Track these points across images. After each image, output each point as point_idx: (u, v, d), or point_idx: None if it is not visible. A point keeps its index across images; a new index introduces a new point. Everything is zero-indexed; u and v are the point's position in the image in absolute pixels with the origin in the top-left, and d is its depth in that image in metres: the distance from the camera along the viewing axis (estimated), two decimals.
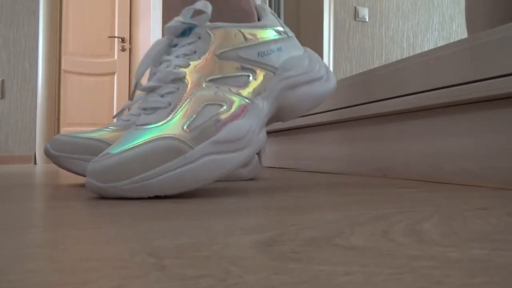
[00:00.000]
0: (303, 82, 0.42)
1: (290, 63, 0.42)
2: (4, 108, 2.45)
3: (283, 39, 0.42)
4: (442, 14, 2.70)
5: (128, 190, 0.32)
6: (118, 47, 3.21)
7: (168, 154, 0.32)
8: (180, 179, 0.33)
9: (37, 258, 0.15)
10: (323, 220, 0.23)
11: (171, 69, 0.37)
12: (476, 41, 0.54)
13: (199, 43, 0.38)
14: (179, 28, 0.39)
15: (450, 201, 0.33)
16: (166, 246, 0.17)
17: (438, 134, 0.61)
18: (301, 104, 0.42)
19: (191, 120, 0.34)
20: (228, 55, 0.38)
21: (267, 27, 0.41)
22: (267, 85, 0.39)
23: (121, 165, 0.32)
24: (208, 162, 0.33)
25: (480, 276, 0.13)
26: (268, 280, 0.12)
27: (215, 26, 0.39)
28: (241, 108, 0.36)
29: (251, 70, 0.38)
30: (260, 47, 0.40)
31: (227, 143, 0.34)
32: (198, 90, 0.36)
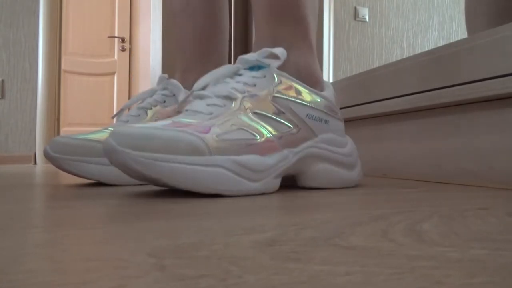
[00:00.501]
0: (333, 161, 0.44)
1: (332, 140, 0.44)
2: (4, 108, 2.45)
3: (333, 117, 0.45)
4: (442, 14, 2.70)
5: (137, 162, 0.32)
6: (118, 47, 3.21)
7: (189, 149, 0.33)
8: (188, 176, 0.33)
9: (37, 258, 0.15)
10: (323, 220, 0.23)
11: (227, 88, 0.39)
12: (476, 41, 0.54)
13: (263, 80, 0.40)
14: (251, 62, 0.41)
15: (450, 201, 0.33)
16: (166, 246, 0.17)
17: (438, 134, 0.61)
18: (319, 177, 0.43)
19: (223, 132, 0.36)
20: (281, 101, 0.40)
21: (324, 99, 0.44)
22: (301, 144, 0.41)
23: (143, 137, 0.33)
24: (221, 173, 0.34)
25: (480, 276, 0.13)
26: (268, 280, 0.12)
27: (281, 74, 0.41)
28: (271, 147, 0.38)
29: (294, 124, 0.41)
30: (310, 110, 0.42)
31: (245, 168, 0.36)
32: (241, 115, 0.38)
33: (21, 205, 0.30)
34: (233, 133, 0.36)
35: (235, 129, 0.36)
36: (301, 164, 0.42)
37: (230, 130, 0.36)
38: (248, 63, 0.42)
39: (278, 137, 0.39)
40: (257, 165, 0.36)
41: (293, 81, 0.42)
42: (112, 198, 0.34)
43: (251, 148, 0.36)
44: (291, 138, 0.40)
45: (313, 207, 0.29)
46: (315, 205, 0.30)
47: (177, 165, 0.33)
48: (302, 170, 0.42)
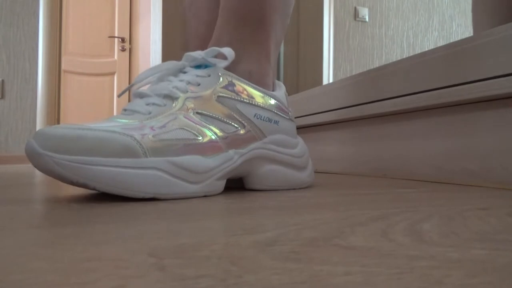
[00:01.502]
0: (282, 162, 0.43)
1: (281, 140, 0.43)
2: (4, 108, 2.45)
3: (283, 117, 0.44)
4: (442, 14, 2.70)
5: (62, 165, 0.30)
6: (118, 47, 3.21)
7: (122, 150, 0.31)
8: (119, 179, 0.31)
9: (37, 258, 0.15)
10: (323, 220, 0.23)
11: (168, 87, 0.38)
12: (476, 41, 0.54)
13: (207, 79, 0.39)
14: (197, 60, 0.40)
15: (450, 201, 0.33)
16: (166, 246, 0.17)
17: (438, 134, 0.61)
18: (266, 179, 0.42)
19: (161, 132, 0.34)
20: (226, 101, 0.39)
21: (274, 99, 0.43)
22: (249, 145, 0.40)
23: (69, 138, 0.30)
24: (156, 176, 0.32)
25: (480, 276, 0.13)
26: (268, 280, 0.12)
27: (228, 74, 0.40)
28: (215, 148, 0.37)
29: (241, 124, 0.39)
30: (259, 110, 0.41)
31: (183, 169, 0.34)
32: (182, 115, 0.36)
33: (21, 205, 0.30)
34: (172, 133, 0.34)
35: (175, 129, 0.35)
36: (248, 166, 0.41)
37: (169, 130, 0.34)
38: (194, 61, 0.40)
39: (223, 138, 0.38)
40: (197, 167, 0.35)
41: (241, 81, 0.40)
42: (112, 198, 0.34)
43: (192, 149, 0.35)
44: (237, 138, 0.39)
45: (313, 207, 0.29)
46: (315, 205, 0.30)
47: (107, 168, 0.30)
48: (249, 172, 0.41)
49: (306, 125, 1.00)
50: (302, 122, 1.01)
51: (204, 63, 0.40)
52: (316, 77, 2.35)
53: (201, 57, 0.40)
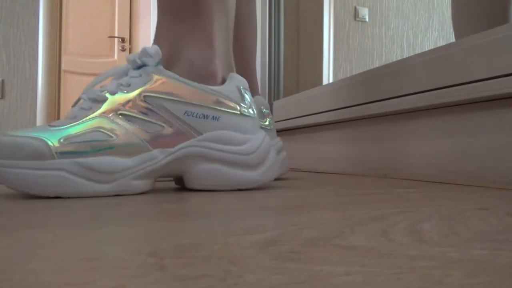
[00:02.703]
0: (221, 160, 0.41)
1: (221, 137, 0.41)
2: (4, 108, 2.45)
3: (228, 112, 0.42)
4: (442, 14, 2.70)
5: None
6: (118, 47, 3.21)
7: (32, 153, 0.34)
8: (29, 180, 0.34)
9: (37, 258, 0.15)
10: (323, 220, 0.23)
11: (97, 90, 0.39)
12: (476, 41, 0.54)
13: (138, 79, 0.39)
14: (135, 63, 0.40)
15: (450, 201, 0.33)
16: (166, 246, 0.17)
17: (438, 134, 0.61)
18: (202, 178, 0.41)
19: (73, 135, 0.36)
20: (153, 100, 0.39)
21: (211, 93, 0.41)
22: (179, 144, 0.39)
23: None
24: (60, 177, 0.34)
25: (480, 276, 0.13)
26: (268, 280, 0.12)
27: (158, 71, 0.40)
28: (134, 149, 0.37)
29: (168, 123, 0.39)
30: (190, 107, 0.40)
31: (91, 170, 0.35)
32: (102, 117, 0.37)
33: (21, 205, 0.30)
34: (85, 136, 0.36)
35: (90, 131, 0.36)
36: (180, 165, 0.40)
37: (83, 133, 0.36)
38: (133, 63, 0.41)
39: (147, 138, 0.38)
40: (107, 167, 0.36)
41: (172, 78, 0.40)
42: (112, 198, 0.34)
43: (107, 150, 0.36)
44: (164, 137, 0.39)
45: (313, 207, 0.29)
46: (315, 205, 0.30)
47: (19, 170, 0.33)
48: (184, 171, 0.41)
49: (306, 125, 1.00)
50: (302, 122, 1.01)
51: (140, 65, 0.40)
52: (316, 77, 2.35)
53: (133, 58, 0.40)
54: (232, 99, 0.42)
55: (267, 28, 2.14)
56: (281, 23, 2.29)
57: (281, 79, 2.30)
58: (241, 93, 0.43)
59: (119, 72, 0.41)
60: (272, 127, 0.62)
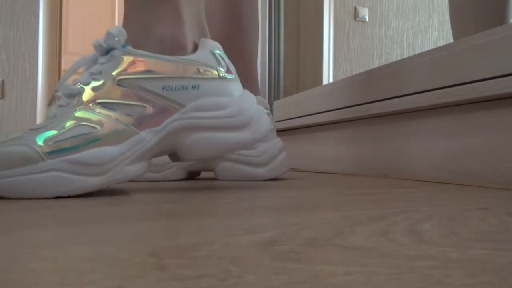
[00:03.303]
0: (210, 127, 0.40)
1: (205, 105, 0.40)
2: (4, 108, 2.45)
3: (207, 78, 0.41)
4: (442, 14, 2.70)
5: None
6: None
7: (22, 160, 0.33)
8: (24, 186, 0.33)
9: (37, 258, 0.15)
10: (323, 220, 0.23)
11: (70, 85, 0.38)
12: (476, 41, 0.54)
13: (108, 65, 0.39)
14: (102, 48, 0.39)
15: (450, 201, 0.33)
16: (166, 246, 0.17)
17: (438, 134, 0.61)
18: (194, 148, 0.40)
19: (57, 134, 0.35)
20: (128, 82, 0.38)
21: (186, 63, 0.40)
22: (164, 120, 0.39)
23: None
24: (54, 177, 0.34)
25: (480, 276, 0.13)
26: (268, 280, 0.12)
27: (127, 52, 0.39)
28: (121, 136, 0.37)
29: (149, 102, 0.38)
30: (167, 81, 0.39)
31: (81, 165, 0.35)
32: (82, 110, 0.36)
33: (21, 205, 0.30)
34: (69, 132, 0.35)
35: (73, 126, 0.35)
36: (170, 141, 0.39)
37: (67, 130, 0.35)
38: (100, 49, 0.39)
39: (132, 121, 0.37)
40: (97, 159, 0.35)
41: (143, 56, 0.39)
42: (112, 198, 0.34)
43: (94, 142, 0.35)
44: (149, 117, 0.38)
45: (313, 207, 0.29)
46: (315, 205, 0.30)
47: (12, 178, 0.33)
48: (176, 146, 0.40)
49: (306, 125, 1.00)
50: (302, 122, 1.01)
51: (107, 49, 0.39)
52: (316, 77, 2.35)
53: (98, 43, 0.39)
54: (208, 65, 0.42)
55: (267, 28, 2.14)
56: (281, 23, 2.29)
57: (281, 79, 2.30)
58: (216, 56, 0.43)
59: (88, 61, 0.40)
60: (272, 127, 0.62)
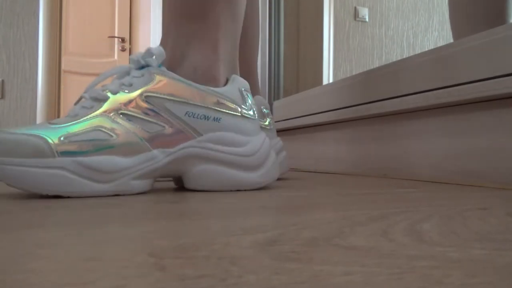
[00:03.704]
0: (222, 161, 0.41)
1: (223, 139, 0.41)
2: (4, 108, 2.45)
3: (229, 114, 0.42)
4: (442, 14, 2.70)
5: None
6: (118, 47, 3.21)
7: (33, 151, 0.34)
8: (28, 178, 0.34)
9: (37, 258, 0.15)
10: (323, 220, 0.23)
11: (99, 89, 0.39)
12: (476, 41, 0.54)
13: (140, 80, 0.40)
14: (139, 63, 0.40)
15: (450, 201, 0.33)
16: (166, 246, 0.17)
17: (438, 134, 0.61)
18: (201, 178, 0.41)
19: (74, 134, 0.35)
20: (154, 101, 0.39)
21: (213, 94, 0.41)
22: (179, 144, 0.39)
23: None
24: (60, 176, 0.34)
25: (480, 276, 0.13)
26: (268, 280, 0.12)
27: (161, 72, 0.40)
28: (134, 149, 0.37)
29: (169, 123, 0.39)
30: (191, 107, 0.40)
31: (90, 169, 0.35)
32: (103, 116, 0.37)
33: (21, 205, 0.30)
34: (86, 135, 0.36)
35: (90, 130, 0.36)
36: (179, 165, 0.40)
37: (84, 132, 0.36)
38: (136, 63, 0.41)
39: (147, 138, 0.38)
40: (107, 167, 0.36)
41: (174, 79, 0.40)
42: (112, 198, 0.34)
43: (107, 149, 0.36)
44: (164, 138, 0.39)
45: (313, 207, 0.29)
46: (315, 205, 0.30)
47: (19, 168, 0.33)
48: (183, 171, 0.41)
49: (306, 125, 1.00)
50: (302, 122, 1.01)
51: (143, 65, 0.41)
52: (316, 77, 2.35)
53: (137, 58, 0.40)
54: (233, 101, 0.43)
55: (267, 28, 2.14)
56: (281, 23, 2.29)
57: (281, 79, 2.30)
58: (243, 94, 0.44)
59: (121, 72, 0.41)
60: (272, 127, 0.62)
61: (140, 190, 0.38)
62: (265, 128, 0.60)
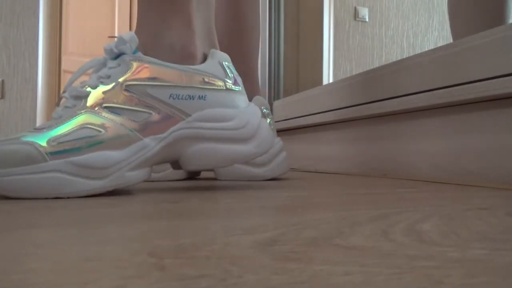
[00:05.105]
0: (214, 138, 0.40)
1: (210, 116, 0.41)
2: (4, 108, 2.45)
3: (214, 89, 0.41)
4: (442, 14, 2.69)
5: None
6: None
7: (25, 159, 0.34)
8: (25, 185, 0.33)
9: (37, 258, 0.15)
10: (323, 220, 0.23)
11: (78, 86, 0.38)
12: (476, 41, 0.54)
13: (117, 69, 0.39)
14: (112, 52, 0.39)
15: (450, 201, 0.33)
16: (166, 246, 0.17)
17: (438, 134, 0.61)
18: (196, 158, 0.40)
19: (61, 135, 0.35)
20: (135, 88, 0.38)
21: (194, 73, 0.40)
22: (169, 128, 0.39)
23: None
24: (55, 178, 0.34)
25: (480, 276, 0.13)
26: (268, 280, 0.12)
27: (137, 58, 0.39)
28: (124, 141, 0.37)
29: (155, 109, 0.38)
30: (174, 89, 0.39)
31: (84, 168, 0.35)
32: (87, 112, 0.37)
33: (21, 205, 0.30)
34: (74, 134, 0.35)
35: (77, 129, 0.36)
36: (173, 149, 0.39)
37: (71, 131, 0.35)
38: (111, 53, 0.40)
39: (136, 127, 0.37)
40: (100, 162, 0.35)
41: (152, 63, 0.39)
42: (112, 198, 0.34)
43: (97, 145, 0.36)
44: (153, 124, 0.38)
45: (313, 207, 0.29)
46: (315, 205, 0.30)
47: (14, 177, 0.33)
48: (178, 154, 0.40)
49: (306, 125, 1.00)
50: (302, 122, 1.01)
51: (119, 53, 0.39)
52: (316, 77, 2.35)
53: (110, 48, 0.39)
54: (216, 76, 0.42)
55: (267, 28, 2.14)
56: (281, 23, 2.29)
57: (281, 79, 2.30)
58: (224, 68, 0.43)
59: (97, 64, 0.40)
60: (272, 128, 0.62)
61: (138, 181, 0.38)
62: None
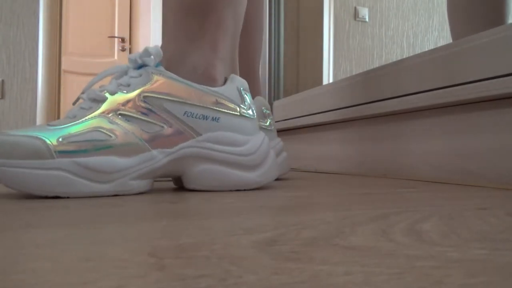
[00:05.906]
0: (221, 161, 0.41)
1: (221, 138, 0.41)
2: (4, 108, 2.45)
3: (228, 113, 0.42)
4: (442, 14, 2.70)
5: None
6: (118, 47, 3.21)
7: (31, 153, 0.34)
8: (27, 179, 0.34)
9: (37, 258, 0.15)
10: (323, 220, 0.23)
11: (97, 90, 0.39)
12: (476, 41, 0.54)
13: (138, 79, 0.40)
14: (136, 62, 0.40)
15: (450, 201, 0.33)
16: (166, 246, 0.17)
17: (438, 134, 0.61)
18: (200, 178, 0.41)
19: (72, 134, 0.36)
20: (152, 101, 0.39)
21: (211, 94, 0.41)
22: (178, 144, 0.39)
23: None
24: (59, 176, 0.34)
25: (480, 276, 0.13)
26: (268, 280, 0.12)
27: (158, 72, 0.40)
28: (132, 149, 0.37)
29: (168, 123, 0.39)
30: (190, 107, 0.40)
31: (89, 170, 0.35)
32: (102, 116, 0.37)
33: (21, 205, 0.30)
34: (84, 135, 0.36)
35: (89, 131, 0.36)
36: (180, 165, 0.40)
37: (82, 132, 0.36)
38: (134, 63, 0.41)
39: (146, 138, 0.38)
40: (106, 167, 0.36)
41: (172, 79, 0.40)
42: (112, 198, 0.34)
43: (106, 149, 0.36)
44: (163, 138, 0.39)
45: (313, 207, 0.29)
46: (315, 205, 0.30)
47: (18, 169, 0.33)
48: (183, 171, 0.41)
49: (306, 125, 1.00)
50: (302, 122, 1.01)
51: (141, 64, 0.40)
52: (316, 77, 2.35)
53: (134, 58, 0.40)
54: (232, 100, 0.42)
55: (267, 28, 2.14)
56: (281, 23, 2.29)
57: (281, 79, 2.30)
58: (241, 94, 0.44)
59: (119, 72, 0.41)
60: (273, 128, 0.62)
61: (140, 190, 0.38)
62: (265, 128, 0.60)
